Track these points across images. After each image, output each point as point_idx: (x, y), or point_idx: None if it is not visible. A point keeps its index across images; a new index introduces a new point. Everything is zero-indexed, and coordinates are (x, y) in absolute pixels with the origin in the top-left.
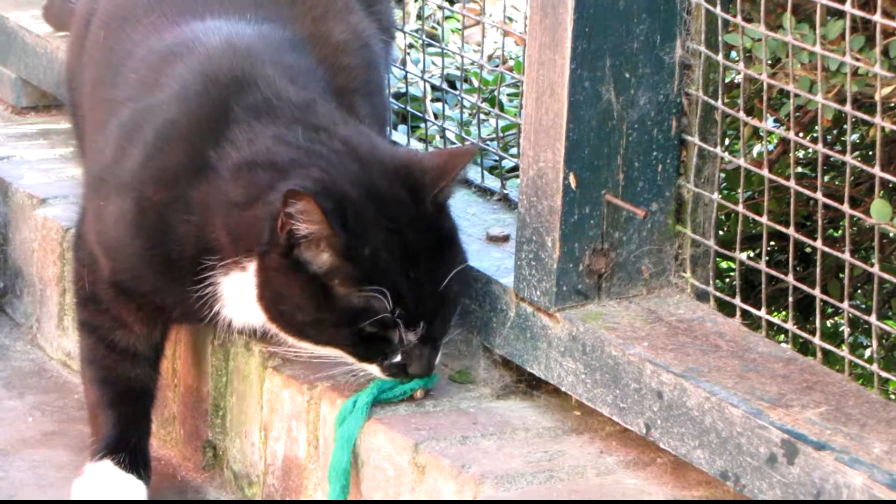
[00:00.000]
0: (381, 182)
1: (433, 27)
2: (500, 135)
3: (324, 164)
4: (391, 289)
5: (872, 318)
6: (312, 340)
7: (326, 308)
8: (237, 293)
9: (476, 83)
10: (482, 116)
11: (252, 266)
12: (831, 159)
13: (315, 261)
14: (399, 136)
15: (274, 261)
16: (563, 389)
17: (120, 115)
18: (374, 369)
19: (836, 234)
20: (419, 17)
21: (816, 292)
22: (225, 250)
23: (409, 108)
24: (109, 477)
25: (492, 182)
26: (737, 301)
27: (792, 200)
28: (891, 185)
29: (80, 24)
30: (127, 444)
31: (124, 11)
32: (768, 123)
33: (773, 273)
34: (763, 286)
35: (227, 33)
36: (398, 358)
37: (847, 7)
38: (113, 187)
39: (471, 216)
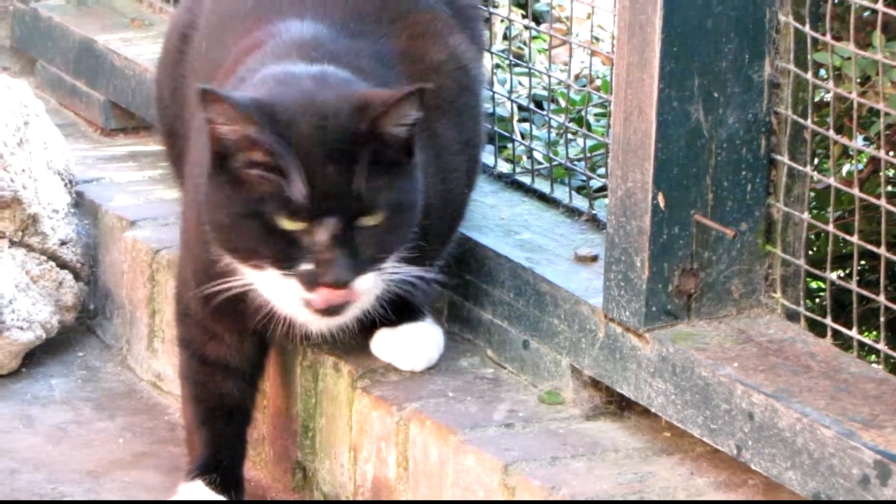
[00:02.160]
0: (331, 102)
1: (520, 47)
2: (588, 154)
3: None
4: (295, 174)
5: None
6: (237, 252)
7: (238, 201)
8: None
9: (563, 103)
10: (569, 136)
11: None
12: None
13: (237, 159)
14: (486, 156)
15: (211, 179)
16: (652, 410)
17: None
18: (292, 283)
19: None
20: (506, 37)
21: None
22: None
23: (496, 128)
24: (201, 498)
25: (580, 202)
26: (828, 321)
27: (882, 219)
28: None
29: (174, 38)
30: (219, 464)
31: (224, 20)
32: (858, 142)
33: (864, 293)
34: (854, 306)
35: (314, 33)
36: (311, 265)
37: None
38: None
39: (559, 236)
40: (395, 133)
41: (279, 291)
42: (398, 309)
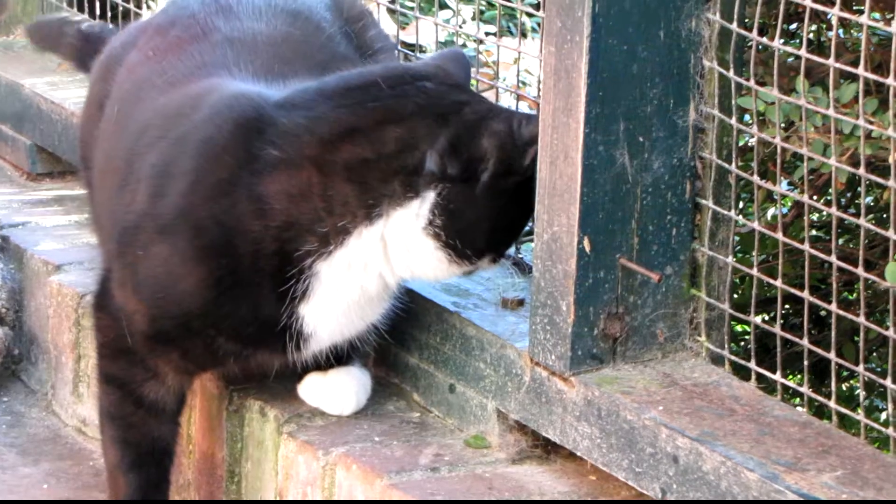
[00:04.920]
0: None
1: None
2: None
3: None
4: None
5: (888, 382)
6: (490, 250)
7: (516, 207)
8: (341, 273)
9: None
10: None
11: (407, 208)
12: (845, 222)
13: (517, 171)
14: None
15: (477, 186)
16: (578, 454)
17: (147, 160)
18: (489, 262)
19: (850, 297)
20: None
21: (832, 356)
22: (343, 210)
23: None
24: None
25: None
26: (752, 365)
27: (806, 263)
28: None
29: (93, 106)
30: None
31: (139, 86)
32: (782, 187)
33: (788, 336)
34: (778, 349)
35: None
36: None
37: (860, 70)
38: (155, 231)
39: (485, 281)
40: None
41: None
42: (338, 352)
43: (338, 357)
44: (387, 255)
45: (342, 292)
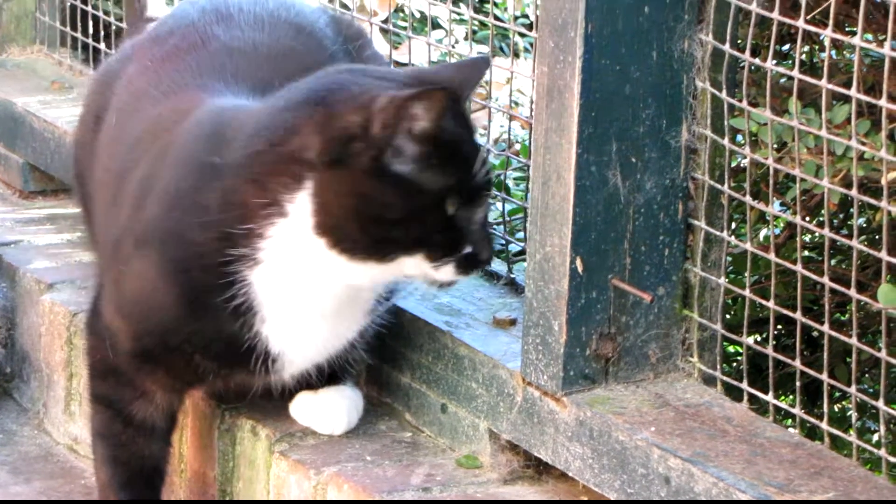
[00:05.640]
0: None
1: None
2: (507, 219)
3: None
4: (479, 160)
5: (880, 403)
6: (391, 247)
7: (415, 198)
8: (275, 281)
9: None
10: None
11: (297, 203)
12: (838, 243)
13: (406, 154)
14: None
15: (352, 172)
16: (570, 474)
17: (135, 174)
18: (448, 270)
19: (843, 319)
20: None
21: (824, 377)
22: (251, 212)
23: None
24: None
25: (498, 266)
26: (744, 385)
27: (799, 284)
28: None
29: (89, 119)
30: None
31: (136, 97)
32: (775, 207)
33: (781, 357)
34: (770, 370)
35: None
36: (469, 248)
37: (853, 92)
38: (132, 245)
39: (477, 300)
40: None
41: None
42: (322, 372)
43: (330, 376)
44: (304, 259)
45: (294, 306)
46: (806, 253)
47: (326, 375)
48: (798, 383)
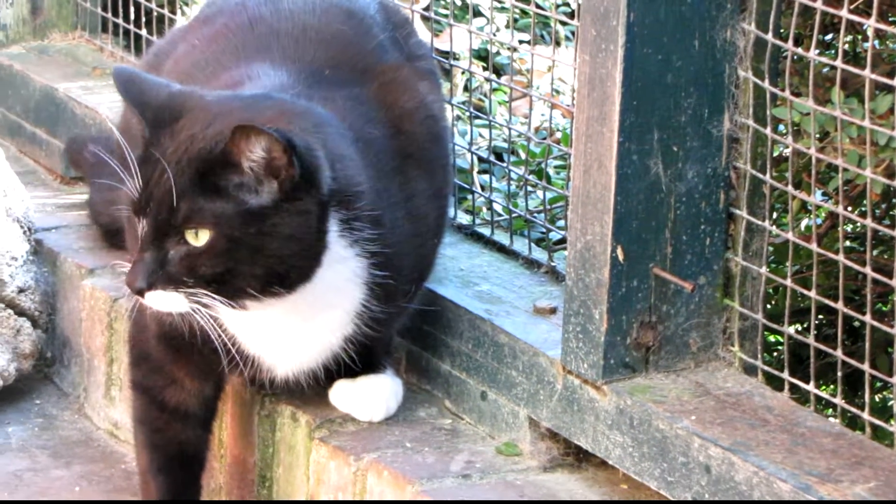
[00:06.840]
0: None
1: (480, 99)
2: (548, 207)
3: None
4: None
5: None
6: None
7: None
8: None
9: (523, 155)
10: (529, 188)
11: None
12: (880, 233)
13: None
14: None
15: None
16: (610, 462)
17: None
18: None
19: (884, 309)
20: (466, 88)
21: (865, 366)
22: None
23: (456, 179)
24: None
25: (539, 254)
26: (785, 375)
27: (840, 274)
28: None
29: None
30: None
31: (182, 79)
32: (816, 197)
33: (822, 347)
34: (812, 360)
35: (290, 76)
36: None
37: None
38: None
39: (518, 288)
40: (248, 166)
41: None
42: (362, 359)
43: (367, 364)
44: None
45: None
46: (848, 243)
47: (366, 363)
48: (839, 373)
